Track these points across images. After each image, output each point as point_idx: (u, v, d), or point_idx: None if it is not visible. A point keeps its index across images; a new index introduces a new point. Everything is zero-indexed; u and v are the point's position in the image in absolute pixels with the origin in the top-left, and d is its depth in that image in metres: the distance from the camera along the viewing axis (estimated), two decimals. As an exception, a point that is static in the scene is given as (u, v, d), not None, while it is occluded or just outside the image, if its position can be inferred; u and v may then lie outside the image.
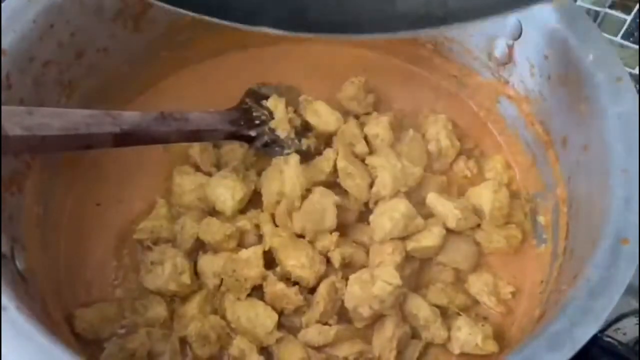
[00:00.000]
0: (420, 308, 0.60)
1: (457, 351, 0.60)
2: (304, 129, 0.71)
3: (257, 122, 0.68)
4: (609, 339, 0.66)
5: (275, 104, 0.69)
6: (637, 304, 0.68)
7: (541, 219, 0.67)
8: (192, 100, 0.74)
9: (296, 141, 0.69)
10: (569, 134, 0.61)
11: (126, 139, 0.58)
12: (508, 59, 0.68)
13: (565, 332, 0.42)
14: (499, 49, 0.69)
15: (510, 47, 0.67)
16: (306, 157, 0.68)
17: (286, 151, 0.68)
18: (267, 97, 0.71)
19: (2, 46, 0.55)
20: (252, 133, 0.67)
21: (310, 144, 0.69)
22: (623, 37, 0.90)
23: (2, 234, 0.51)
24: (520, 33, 0.65)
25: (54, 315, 0.55)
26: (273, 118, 0.69)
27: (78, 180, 0.68)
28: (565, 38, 0.60)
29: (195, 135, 0.64)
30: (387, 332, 0.59)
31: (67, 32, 0.61)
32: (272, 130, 0.68)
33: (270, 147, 0.68)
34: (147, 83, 0.74)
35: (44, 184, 0.62)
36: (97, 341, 0.59)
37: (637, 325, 0.68)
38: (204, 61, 0.77)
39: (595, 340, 0.64)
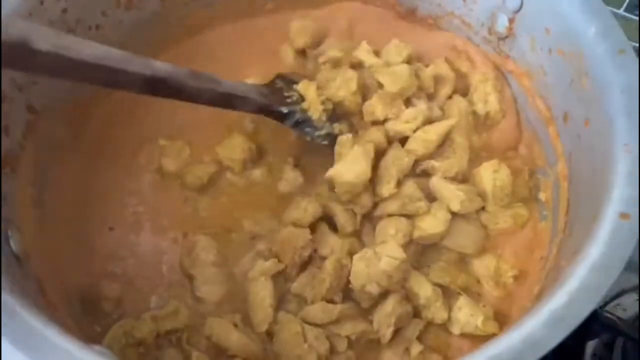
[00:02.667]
0: (422, 287, 0.60)
1: (457, 332, 0.60)
2: (336, 114, 0.68)
3: (288, 100, 0.67)
4: (609, 315, 0.66)
5: (307, 87, 0.68)
6: (638, 280, 0.67)
7: (542, 195, 0.66)
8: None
9: (328, 124, 0.67)
10: (570, 109, 0.60)
11: (156, 86, 0.55)
12: (508, 33, 0.67)
13: (563, 309, 0.41)
14: (500, 23, 0.67)
15: (511, 20, 0.66)
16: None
17: (317, 132, 0.67)
18: (297, 82, 0.69)
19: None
20: (284, 109, 0.66)
21: (343, 128, 0.67)
22: (627, 10, 0.88)
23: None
24: (521, 6, 0.64)
25: (51, 296, 0.55)
26: (305, 100, 0.68)
27: (74, 160, 0.67)
28: (566, 10, 0.59)
29: (227, 100, 0.62)
30: (387, 308, 0.59)
31: (57, 9, 0.60)
32: (304, 111, 0.67)
33: (301, 127, 0.67)
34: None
35: (39, 164, 0.61)
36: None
37: (637, 302, 0.67)
38: (196, 36, 0.75)
39: (595, 316, 0.64)
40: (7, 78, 0.56)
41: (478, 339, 0.60)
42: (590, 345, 0.67)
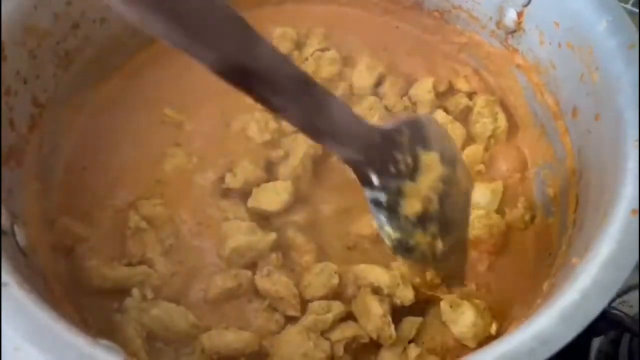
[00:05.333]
0: (378, 277, 0.58)
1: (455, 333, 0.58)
2: (427, 218, 0.50)
3: (392, 169, 0.48)
4: (615, 312, 0.65)
5: (432, 165, 0.50)
6: (642, 277, 0.67)
7: (549, 190, 0.66)
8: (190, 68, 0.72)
9: (410, 228, 0.49)
10: (580, 104, 0.59)
11: (239, 76, 0.39)
12: (517, 27, 0.66)
13: (575, 306, 0.41)
14: (508, 17, 0.67)
15: (519, 14, 0.65)
16: (410, 255, 0.51)
17: (388, 229, 0.49)
18: (428, 145, 0.51)
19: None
20: (375, 180, 0.48)
21: (425, 248, 0.51)
22: (634, 5, 0.88)
23: (2, 209, 0.50)
24: (530, -1, 0.63)
25: (56, 291, 0.54)
26: (413, 179, 0.49)
27: (77, 154, 0.66)
28: (576, 4, 0.58)
29: (317, 135, 0.45)
30: (376, 310, 0.57)
31: (62, 2, 0.59)
32: (399, 194, 0.49)
33: (378, 208, 0.48)
34: (145, 49, 0.72)
35: (43, 158, 0.61)
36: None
37: (643, 298, 0.67)
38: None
39: (602, 313, 0.63)
40: (11, 71, 0.55)
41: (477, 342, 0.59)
42: (596, 342, 0.67)
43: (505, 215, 0.66)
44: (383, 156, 0.48)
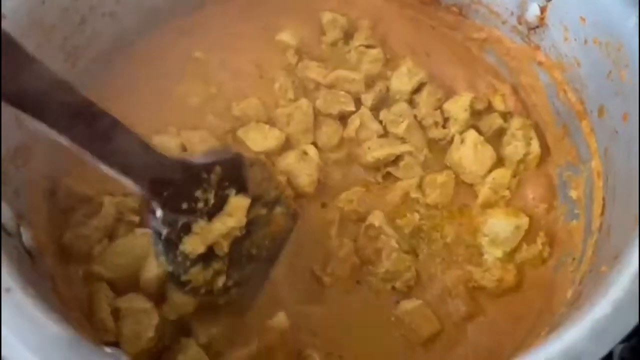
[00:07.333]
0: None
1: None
2: (211, 259, 0.49)
3: (184, 205, 0.47)
4: (639, 319, 0.63)
5: (238, 211, 0.49)
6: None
7: (573, 193, 0.64)
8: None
9: (186, 265, 0.48)
10: (607, 103, 0.57)
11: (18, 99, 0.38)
12: (539, 22, 0.64)
13: (608, 319, 0.39)
14: (530, 12, 0.64)
15: (542, 9, 0.63)
16: (182, 288, 0.49)
17: (161, 258, 0.48)
18: (243, 188, 0.50)
19: (3, 10, 0.52)
20: (158, 213, 0.46)
21: (199, 285, 0.49)
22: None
23: (8, 210, 0.49)
24: (554, -7, 0.61)
25: (64, 292, 0.53)
26: (209, 219, 0.48)
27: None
28: (604, -2, 0.56)
29: (98, 159, 0.43)
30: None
31: (70, -5, 0.58)
32: (185, 230, 0.47)
33: (156, 236, 0.47)
34: (154, 47, 0.70)
35: (51, 157, 0.59)
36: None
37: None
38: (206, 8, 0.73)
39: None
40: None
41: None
42: (618, 349, 0.64)
43: (521, 253, 0.63)
44: (177, 191, 0.47)
